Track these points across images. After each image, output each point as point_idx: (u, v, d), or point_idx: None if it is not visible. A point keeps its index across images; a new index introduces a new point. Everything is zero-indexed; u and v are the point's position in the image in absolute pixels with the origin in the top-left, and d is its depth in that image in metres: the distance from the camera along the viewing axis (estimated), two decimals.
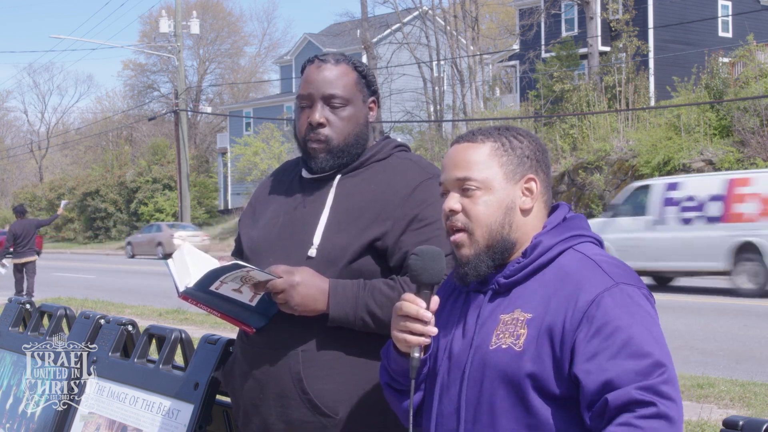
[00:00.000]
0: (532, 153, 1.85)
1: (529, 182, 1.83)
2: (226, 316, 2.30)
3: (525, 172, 1.83)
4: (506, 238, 1.80)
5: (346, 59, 2.39)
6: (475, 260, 1.80)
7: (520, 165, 1.83)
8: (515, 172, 1.82)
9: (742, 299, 14.15)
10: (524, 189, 1.83)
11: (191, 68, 57.98)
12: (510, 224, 1.80)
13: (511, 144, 1.84)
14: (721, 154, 21.68)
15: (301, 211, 2.37)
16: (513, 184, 1.82)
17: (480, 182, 1.80)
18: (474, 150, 1.84)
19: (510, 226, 1.80)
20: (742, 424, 1.76)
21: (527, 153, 1.84)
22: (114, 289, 18.55)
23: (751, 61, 24.02)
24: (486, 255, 1.80)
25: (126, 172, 47.30)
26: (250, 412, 2.34)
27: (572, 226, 1.83)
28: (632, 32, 30.51)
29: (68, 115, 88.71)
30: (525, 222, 1.82)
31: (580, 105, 27.63)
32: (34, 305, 3.62)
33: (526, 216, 1.82)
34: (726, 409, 6.63)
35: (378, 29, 39.65)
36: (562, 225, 1.83)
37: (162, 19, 34.78)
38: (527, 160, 1.84)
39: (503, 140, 1.84)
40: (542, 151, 1.88)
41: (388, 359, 1.92)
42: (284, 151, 37.56)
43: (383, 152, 2.41)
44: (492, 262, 1.81)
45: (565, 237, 1.79)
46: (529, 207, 1.82)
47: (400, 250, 2.25)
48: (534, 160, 1.85)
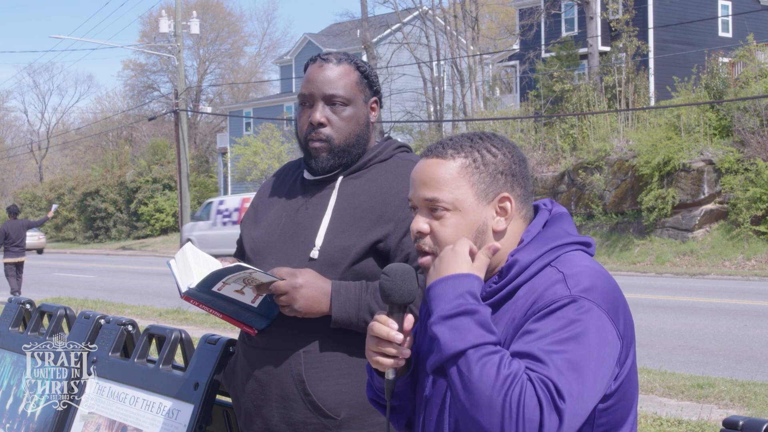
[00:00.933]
0: (506, 168, 1.72)
1: (504, 201, 1.71)
2: (227, 317, 2.30)
3: (498, 191, 1.70)
4: None
5: (349, 59, 2.38)
6: None
7: (493, 183, 1.70)
8: (487, 192, 1.70)
9: (742, 299, 14.15)
10: (498, 209, 1.71)
11: (191, 68, 58.03)
12: (480, 246, 1.68)
13: (483, 159, 1.71)
14: (721, 154, 21.67)
15: (303, 213, 2.36)
16: (485, 204, 1.70)
17: (449, 203, 1.68)
18: (443, 167, 1.70)
19: (480, 248, 1.69)
20: (742, 424, 1.77)
21: (501, 168, 1.71)
22: (114, 289, 18.54)
23: (751, 61, 24.00)
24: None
25: (126, 172, 47.27)
26: (252, 413, 2.34)
27: (553, 234, 1.72)
28: (632, 32, 30.50)
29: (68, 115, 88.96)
30: (500, 243, 1.70)
31: (580, 105, 27.62)
32: (34, 305, 3.62)
33: (500, 237, 1.71)
34: (726, 409, 6.63)
35: (378, 29, 39.65)
36: (541, 235, 1.72)
37: (162, 19, 34.74)
38: (501, 176, 1.71)
39: (475, 155, 1.71)
40: (519, 163, 1.74)
41: (371, 376, 1.87)
42: (284, 151, 37.54)
43: (385, 153, 2.40)
44: None
45: (544, 251, 1.68)
46: (502, 228, 1.71)
47: (402, 252, 2.25)
48: (509, 175, 1.72)
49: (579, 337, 1.57)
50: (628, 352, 1.68)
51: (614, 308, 1.63)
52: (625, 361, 1.67)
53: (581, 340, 1.56)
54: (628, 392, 1.69)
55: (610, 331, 1.60)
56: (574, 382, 1.52)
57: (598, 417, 1.66)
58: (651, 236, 22.26)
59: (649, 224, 22.34)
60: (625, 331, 1.65)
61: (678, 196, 21.78)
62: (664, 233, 22.17)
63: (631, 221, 23.03)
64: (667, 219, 22.11)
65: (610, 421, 1.67)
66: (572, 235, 1.74)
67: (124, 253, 39.21)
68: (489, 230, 1.70)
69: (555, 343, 1.56)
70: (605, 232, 23.21)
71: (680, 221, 21.94)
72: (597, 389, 1.57)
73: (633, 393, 1.72)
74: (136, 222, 45.66)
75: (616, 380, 1.66)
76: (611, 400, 1.66)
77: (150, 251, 38.59)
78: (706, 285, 16.98)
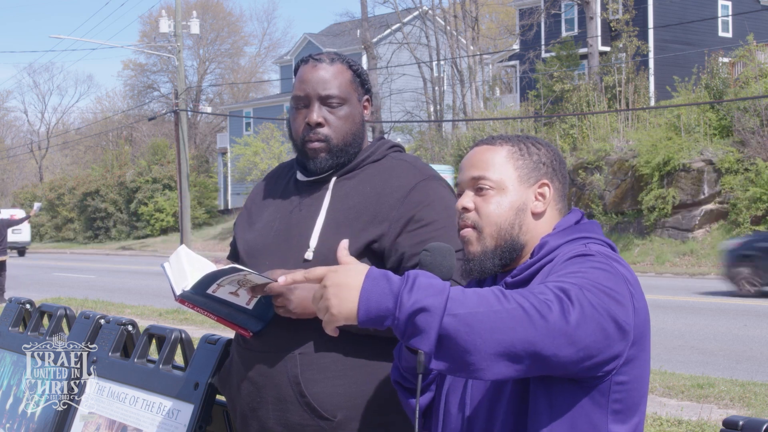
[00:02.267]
0: (548, 161, 1.87)
1: (543, 187, 1.85)
2: (222, 320, 2.28)
3: (539, 177, 1.85)
4: (515, 238, 1.82)
5: (341, 58, 2.38)
6: (481, 257, 1.82)
7: (535, 170, 1.85)
8: (530, 176, 1.85)
9: (742, 299, 14.15)
10: (537, 193, 1.85)
11: (191, 68, 58.01)
12: (520, 226, 1.82)
13: (528, 150, 1.87)
14: (721, 154, 21.68)
15: (297, 214, 2.35)
16: (527, 188, 1.84)
17: (494, 182, 1.83)
18: (491, 152, 1.87)
19: (520, 227, 1.82)
20: (742, 424, 1.77)
21: (543, 160, 1.87)
22: (114, 289, 18.55)
23: (751, 61, 24.01)
24: (493, 253, 1.82)
25: (126, 172, 47.27)
26: (248, 416, 2.33)
27: (583, 229, 1.84)
28: (632, 32, 30.49)
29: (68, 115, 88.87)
30: (536, 225, 1.84)
31: (580, 105, 27.62)
32: (34, 305, 3.62)
33: (537, 219, 1.84)
34: (726, 409, 6.63)
35: (378, 29, 39.63)
36: (572, 228, 1.83)
37: (162, 19, 34.70)
38: (543, 166, 1.86)
39: (521, 145, 1.88)
40: (560, 162, 1.90)
41: (399, 358, 1.92)
42: (284, 151, 37.54)
43: (378, 153, 2.40)
44: (499, 261, 1.82)
45: (572, 238, 1.80)
46: (540, 211, 1.84)
47: (396, 252, 2.24)
48: (550, 168, 1.87)
49: (592, 272, 1.65)
50: (643, 342, 1.71)
51: (631, 287, 1.70)
52: (641, 346, 1.70)
53: (595, 275, 1.64)
54: (641, 378, 1.72)
55: (623, 292, 1.66)
56: (582, 286, 1.59)
57: (614, 391, 1.68)
58: (651, 236, 22.27)
59: (649, 224, 22.34)
60: (637, 319, 1.69)
61: (678, 196, 21.78)
62: (664, 233, 22.17)
63: (631, 221, 23.04)
64: (667, 219, 22.12)
65: (624, 400, 1.70)
66: (600, 234, 1.85)
67: (124, 253, 39.22)
68: (528, 211, 1.84)
69: (566, 275, 1.65)
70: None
71: (680, 221, 21.94)
72: (604, 309, 1.60)
73: (645, 385, 1.75)
74: (136, 222, 45.66)
75: (630, 364, 1.68)
76: (625, 375, 1.68)
77: (150, 251, 38.61)
78: (706, 285, 16.98)
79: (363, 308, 1.54)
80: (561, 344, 1.53)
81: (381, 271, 1.57)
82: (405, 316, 1.51)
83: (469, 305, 1.51)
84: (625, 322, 1.64)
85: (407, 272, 1.57)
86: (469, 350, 1.50)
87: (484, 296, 1.53)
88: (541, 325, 1.51)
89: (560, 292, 1.57)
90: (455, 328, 1.50)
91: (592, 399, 1.67)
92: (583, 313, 1.56)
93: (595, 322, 1.58)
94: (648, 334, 1.75)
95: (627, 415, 1.71)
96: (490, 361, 1.51)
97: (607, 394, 1.68)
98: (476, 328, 1.50)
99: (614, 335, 1.62)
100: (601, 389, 1.67)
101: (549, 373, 1.61)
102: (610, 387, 1.68)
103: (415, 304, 1.50)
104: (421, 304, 1.50)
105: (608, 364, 1.64)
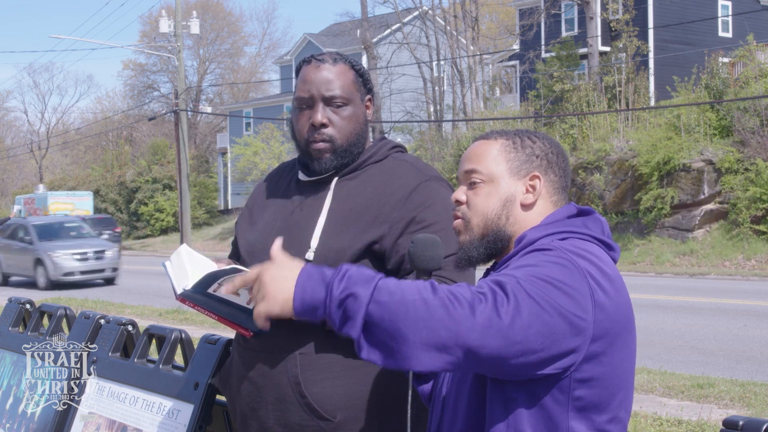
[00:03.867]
0: (542, 153, 1.88)
1: (534, 179, 1.86)
2: (223, 319, 2.29)
3: (531, 170, 1.86)
4: (501, 229, 1.84)
5: (343, 58, 2.38)
6: (468, 246, 1.86)
7: (527, 162, 1.86)
8: (521, 168, 1.86)
9: (742, 299, 14.15)
10: (528, 185, 1.86)
11: (191, 68, 58.00)
12: (507, 216, 1.84)
13: (522, 143, 1.89)
14: (721, 154, 21.67)
15: (299, 214, 2.35)
16: (517, 180, 1.85)
17: (485, 175, 1.86)
18: (486, 146, 1.90)
19: (507, 218, 1.84)
20: (742, 424, 1.77)
21: (537, 152, 1.88)
22: (114, 289, 18.55)
23: (751, 61, 23.99)
24: (479, 243, 1.85)
25: (126, 172, 47.26)
26: (248, 416, 2.33)
27: (571, 224, 1.81)
28: (632, 32, 30.49)
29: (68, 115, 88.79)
30: (524, 217, 1.84)
31: (580, 105, 27.60)
32: (34, 305, 3.62)
33: (527, 211, 1.85)
34: (726, 409, 6.63)
35: (378, 29, 39.61)
36: (560, 222, 1.82)
37: (162, 19, 34.68)
38: (536, 158, 1.87)
39: (515, 139, 1.90)
40: (557, 154, 1.90)
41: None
42: (284, 151, 37.54)
43: (380, 154, 2.39)
44: (485, 251, 1.85)
45: (552, 232, 1.79)
46: (530, 202, 1.84)
47: (397, 253, 2.24)
48: (544, 160, 1.87)
49: (546, 265, 1.65)
50: (614, 339, 1.68)
51: (593, 282, 1.67)
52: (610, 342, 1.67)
53: (547, 269, 1.64)
54: (613, 376, 1.69)
55: (577, 286, 1.64)
56: (524, 279, 1.61)
57: (575, 388, 1.67)
58: (651, 236, 22.26)
59: (649, 224, 22.33)
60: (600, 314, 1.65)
61: (678, 196, 21.78)
62: (663, 233, 22.16)
63: (630, 221, 23.03)
64: (667, 219, 22.10)
65: (588, 396, 1.68)
66: (591, 230, 1.82)
67: (124, 253, 39.17)
68: (517, 203, 1.85)
69: (516, 268, 1.67)
70: None
71: (680, 221, 21.93)
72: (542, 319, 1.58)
73: (619, 382, 1.72)
74: (136, 222, 45.65)
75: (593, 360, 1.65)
76: (588, 372, 1.66)
77: (150, 251, 38.59)
78: (706, 285, 16.98)
79: (298, 297, 1.63)
80: (490, 336, 1.55)
81: (316, 266, 1.66)
82: (335, 303, 1.60)
83: (395, 294, 1.56)
84: (576, 316, 1.61)
85: (341, 264, 1.65)
86: (395, 337, 1.55)
87: (412, 287, 1.58)
88: (464, 316, 1.54)
89: (495, 285, 1.60)
90: (380, 314, 1.56)
91: (552, 396, 1.67)
92: (518, 307, 1.57)
93: (535, 316, 1.58)
94: (626, 331, 1.72)
95: (594, 412, 1.69)
96: (418, 350, 1.55)
97: (568, 392, 1.67)
98: (399, 316, 1.55)
99: (561, 330, 1.60)
100: (561, 386, 1.66)
101: (492, 370, 1.62)
102: (570, 384, 1.66)
103: (344, 291, 1.59)
104: (350, 291, 1.58)
105: (560, 360, 1.62)
